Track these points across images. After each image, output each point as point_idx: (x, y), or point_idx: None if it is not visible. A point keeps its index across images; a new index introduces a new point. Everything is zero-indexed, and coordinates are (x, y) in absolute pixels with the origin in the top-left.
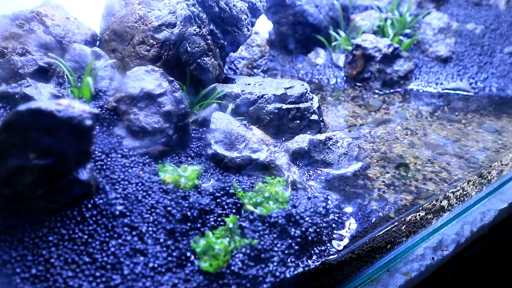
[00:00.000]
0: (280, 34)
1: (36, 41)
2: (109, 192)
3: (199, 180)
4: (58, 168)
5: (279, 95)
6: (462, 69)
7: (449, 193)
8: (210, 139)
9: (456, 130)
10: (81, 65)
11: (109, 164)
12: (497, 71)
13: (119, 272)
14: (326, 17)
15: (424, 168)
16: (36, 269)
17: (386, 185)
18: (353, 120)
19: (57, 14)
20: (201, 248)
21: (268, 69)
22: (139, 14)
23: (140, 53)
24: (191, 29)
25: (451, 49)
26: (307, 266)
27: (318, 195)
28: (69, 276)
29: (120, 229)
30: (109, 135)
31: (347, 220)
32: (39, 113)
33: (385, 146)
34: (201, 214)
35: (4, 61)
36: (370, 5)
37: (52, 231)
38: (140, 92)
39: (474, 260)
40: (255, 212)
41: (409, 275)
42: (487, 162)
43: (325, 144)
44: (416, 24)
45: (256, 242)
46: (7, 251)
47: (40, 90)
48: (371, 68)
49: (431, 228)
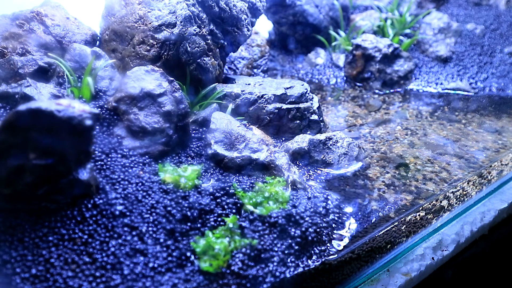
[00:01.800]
0: (280, 34)
1: (36, 41)
2: (109, 192)
3: (199, 180)
4: (58, 168)
5: (279, 95)
6: (462, 69)
7: (449, 193)
8: (210, 139)
9: (456, 130)
10: (81, 65)
11: (109, 164)
12: (497, 71)
13: (119, 272)
14: (326, 17)
15: (424, 168)
16: (36, 269)
17: (386, 185)
18: (353, 120)
19: (57, 14)
20: (201, 248)
21: (268, 69)
22: (139, 14)
23: (140, 53)
24: (191, 29)
25: (451, 49)
26: (307, 266)
27: (318, 195)
28: (69, 276)
29: (120, 229)
30: (109, 135)
31: (347, 220)
32: (39, 113)
33: (385, 146)
34: (201, 214)
35: (4, 61)
36: (370, 5)
37: (52, 231)
38: (140, 92)
39: (474, 260)
40: (255, 212)
41: (409, 275)
42: (487, 162)
43: (325, 144)
44: (416, 24)
45: (256, 242)
46: (7, 251)
47: (40, 90)
48: (371, 68)
49: (431, 228)
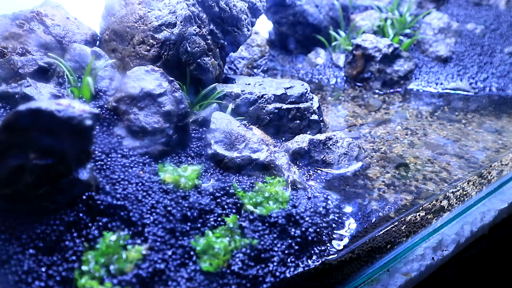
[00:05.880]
0: (280, 34)
1: (36, 41)
2: (109, 192)
3: (199, 180)
4: (58, 168)
5: (279, 95)
6: (462, 69)
7: (449, 193)
8: (210, 139)
9: (456, 130)
10: (81, 65)
11: (109, 164)
12: (497, 71)
13: None
14: (326, 17)
15: (424, 168)
16: (37, 269)
17: (386, 185)
18: (353, 120)
19: (57, 14)
20: (201, 248)
21: (268, 69)
22: (139, 14)
23: (140, 53)
24: (191, 29)
25: (451, 49)
26: (307, 266)
27: (318, 195)
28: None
29: (120, 228)
30: (109, 135)
31: (347, 220)
32: (39, 113)
33: (385, 146)
34: (201, 214)
35: (4, 61)
36: (370, 5)
37: (52, 231)
38: (140, 92)
39: (474, 260)
40: (255, 212)
41: (409, 275)
42: (487, 162)
43: (325, 144)
44: (416, 24)
45: (256, 242)
46: (7, 251)
47: (40, 90)
48: (371, 68)
49: (431, 228)
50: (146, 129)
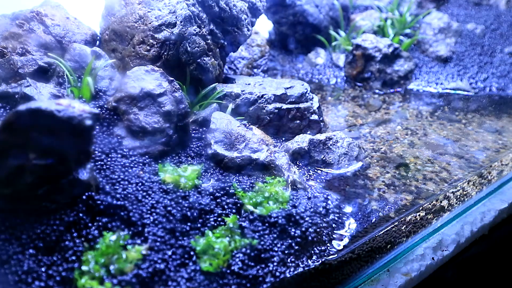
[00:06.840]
0: (280, 34)
1: (36, 41)
2: (109, 192)
3: (199, 180)
4: (58, 168)
5: (279, 95)
6: (462, 69)
7: (449, 193)
8: (210, 139)
9: (456, 130)
10: (81, 65)
11: (109, 164)
12: (497, 71)
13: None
14: (326, 17)
15: (424, 168)
16: (37, 269)
17: (386, 185)
18: (353, 120)
19: (57, 14)
20: (201, 248)
21: (268, 69)
22: (139, 14)
23: (140, 53)
24: (191, 29)
25: (451, 49)
26: (307, 266)
27: (318, 195)
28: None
29: (120, 228)
30: (109, 135)
31: (347, 220)
32: (39, 113)
33: (385, 146)
34: (201, 214)
35: (4, 61)
36: (370, 5)
37: (52, 231)
38: (140, 92)
39: (474, 260)
40: (255, 212)
41: (409, 275)
42: (487, 162)
43: (325, 144)
44: (416, 24)
45: (256, 242)
46: (7, 251)
47: (40, 90)
48: (371, 68)
49: (431, 228)
50: (146, 129)
